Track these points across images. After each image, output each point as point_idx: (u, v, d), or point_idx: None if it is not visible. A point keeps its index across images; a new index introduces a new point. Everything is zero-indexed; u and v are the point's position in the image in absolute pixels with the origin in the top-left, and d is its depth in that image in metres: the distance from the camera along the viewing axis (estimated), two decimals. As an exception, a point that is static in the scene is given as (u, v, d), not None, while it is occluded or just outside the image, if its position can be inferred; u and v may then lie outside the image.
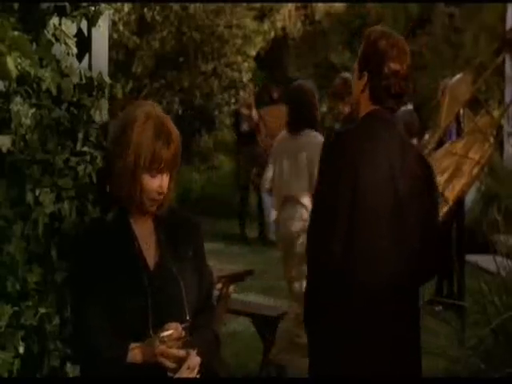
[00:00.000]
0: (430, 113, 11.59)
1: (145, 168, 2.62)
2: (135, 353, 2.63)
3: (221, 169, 14.70)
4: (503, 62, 9.31)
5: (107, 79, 2.81)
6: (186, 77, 9.01)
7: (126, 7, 8.00)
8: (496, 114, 12.36)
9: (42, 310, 2.80)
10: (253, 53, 11.09)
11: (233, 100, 10.31)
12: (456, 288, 7.09)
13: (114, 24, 7.86)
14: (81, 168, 2.74)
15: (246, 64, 10.74)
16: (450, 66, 12.57)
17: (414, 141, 8.82)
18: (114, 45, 8.07)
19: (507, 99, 10.34)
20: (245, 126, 11.47)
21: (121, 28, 7.93)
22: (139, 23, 8.32)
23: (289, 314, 5.86)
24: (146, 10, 8.26)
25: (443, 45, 13.56)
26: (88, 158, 2.79)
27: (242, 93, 10.39)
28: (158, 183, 2.67)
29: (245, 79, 10.10)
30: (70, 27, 2.69)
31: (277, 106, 11.60)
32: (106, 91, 2.78)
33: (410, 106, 9.30)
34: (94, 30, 2.88)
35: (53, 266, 2.88)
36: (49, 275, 2.87)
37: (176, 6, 8.55)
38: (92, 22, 2.75)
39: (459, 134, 5.56)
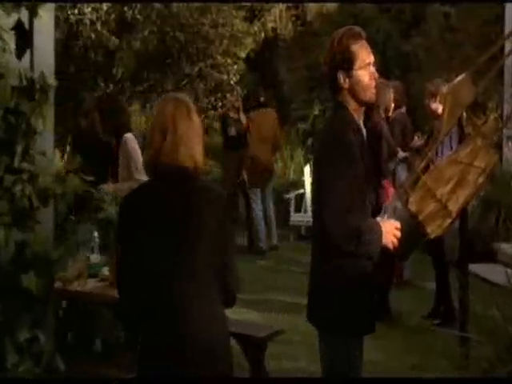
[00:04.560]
0: (426, 116, 11.27)
1: None
2: None
3: (210, 174, 14.39)
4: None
5: (52, 80, 2.33)
6: (169, 79, 8.60)
7: (105, 5, 7.59)
8: (493, 116, 12.05)
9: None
10: (243, 54, 10.69)
11: (219, 104, 9.87)
12: (458, 300, 6.68)
13: (92, 23, 7.46)
14: (18, 189, 2.26)
15: (235, 66, 10.32)
16: (446, 67, 12.25)
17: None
18: (92, 46, 7.73)
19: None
20: (233, 131, 11.10)
21: (99, 27, 7.51)
22: (119, 22, 7.91)
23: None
24: (126, 8, 7.85)
25: (438, 45, 13.25)
26: (26, 176, 2.30)
27: (228, 96, 9.96)
28: None
29: (232, 81, 9.65)
30: (5, 19, 2.22)
31: (266, 109, 11.26)
32: (51, 95, 2.31)
33: (402, 110, 8.94)
34: (36, 23, 2.40)
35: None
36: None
37: (158, 4, 8.13)
38: (33, 12, 2.28)
39: (461, 139, 5.11)
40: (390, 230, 3.79)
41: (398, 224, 3.85)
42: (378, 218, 3.89)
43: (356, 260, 3.75)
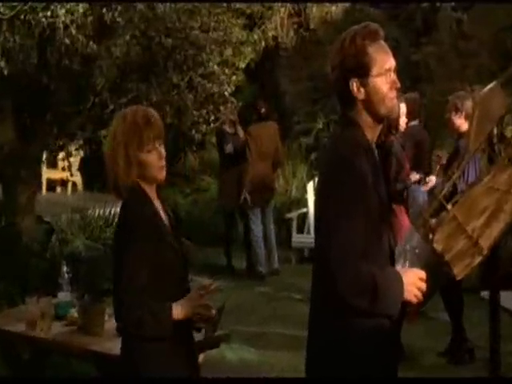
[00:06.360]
0: (438, 129, 10.76)
1: None
2: (178, 310, 3.15)
3: (208, 192, 13.90)
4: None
5: None
6: (155, 90, 7.88)
7: (81, 8, 6.86)
8: (510, 130, 11.45)
9: None
10: (242, 65, 10.03)
11: (212, 117, 9.15)
12: (491, 338, 6.02)
13: (65, 28, 6.73)
14: None
15: (234, 77, 9.63)
16: (459, 77, 11.76)
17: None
18: (67, 53, 7.12)
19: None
20: (229, 147, 10.40)
21: (73, 32, 6.77)
22: (97, 26, 7.18)
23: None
24: (104, 10, 7.10)
25: (450, 54, 12.71)
26: None
27: (222, 108, 9.25)
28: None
29: (227, 93, 8.92)
30: None
31: (266, 122, 10.63)
32: None
33: (415, 122, 8.22)
34: None
35: None
36: None
37: (141, 6, 7.39)
38: None
39: (492, 160, 4.44)
40: (413, 281, 3.00)
41: (422, 274, 3.04)
42: (398, 267, 3.07)
43: (372, 317, 2.95)
